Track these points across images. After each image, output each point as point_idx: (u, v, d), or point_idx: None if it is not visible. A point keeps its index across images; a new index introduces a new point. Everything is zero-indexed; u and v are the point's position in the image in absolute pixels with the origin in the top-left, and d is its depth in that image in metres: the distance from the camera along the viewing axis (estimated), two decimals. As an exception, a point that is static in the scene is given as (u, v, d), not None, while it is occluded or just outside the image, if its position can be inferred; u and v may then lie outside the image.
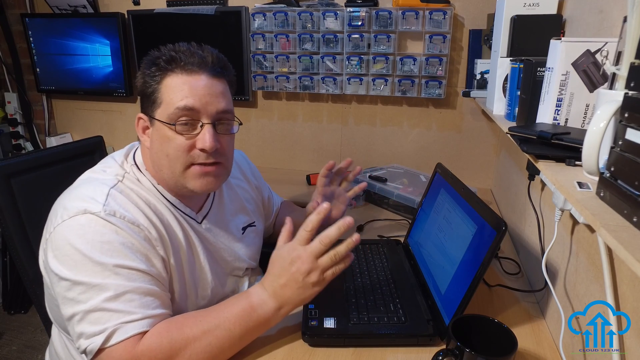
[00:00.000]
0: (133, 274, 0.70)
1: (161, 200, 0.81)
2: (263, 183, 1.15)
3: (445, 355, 0.66)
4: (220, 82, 0.80)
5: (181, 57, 0.76)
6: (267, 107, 2.00)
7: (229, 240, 0.94)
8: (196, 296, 0.85)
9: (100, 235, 0.69)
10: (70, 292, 0.68)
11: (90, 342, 0.65)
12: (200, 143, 0.77)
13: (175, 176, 0.79)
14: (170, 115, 0.76)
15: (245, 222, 1.01)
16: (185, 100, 0.75)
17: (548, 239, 0.91)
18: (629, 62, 0.49)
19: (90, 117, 2.31)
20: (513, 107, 0.93)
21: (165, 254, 0.77)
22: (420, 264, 1.00)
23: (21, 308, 2.18)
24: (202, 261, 0.86)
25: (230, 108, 0.82)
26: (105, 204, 0.72)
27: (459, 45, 1.69)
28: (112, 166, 0.82)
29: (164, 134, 0.77)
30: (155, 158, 0.80)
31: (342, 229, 0.74)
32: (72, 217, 0.70)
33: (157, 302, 0.72)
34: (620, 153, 0.46)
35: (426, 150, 1.85)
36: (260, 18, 1.80)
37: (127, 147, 0.88)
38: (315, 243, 0.74)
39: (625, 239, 0.40)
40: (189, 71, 0.76)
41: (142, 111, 0.82)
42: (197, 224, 0.88)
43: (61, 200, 0.76)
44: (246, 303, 0.74)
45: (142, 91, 0.80)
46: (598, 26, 0.82)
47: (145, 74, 0.78)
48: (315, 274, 0.74)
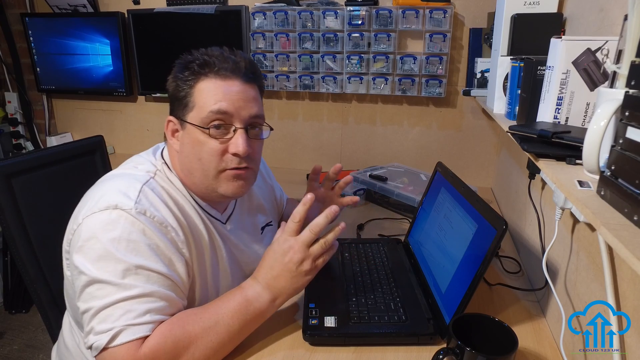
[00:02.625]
0: (153, 277, 0.70)
1: (189, 201, 0.82)
2: (275, 182, 1.16)
3: (446, 354, 0.66)
4: (252, 88, 0.81)
5: (215, 62, 0.77)
6: (267, 106, 1.98)
7: (249, 241, 0.96)
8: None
9: (128, 234, 0.69)
10: (88, 287, 0.68)
11: (97, 339, 0.66)
12: (233, 147, 0.77)
13: (207, 180, 0.79)
14: (203, 118, 0.76)
15: (263, 222, 1.03)
16: (219, 104, 0.76)
17: (548, 238, 0.91)
18: (629, 61, 0.49)
19: (90, 117, 2.31)
20: (513, 106, 0.93)
21: (189, 257, 0.78)
22: (420, 263, 1.00)
23: (22, 307, 2.18)
24: (224, 263, 0.87)
25: (262, 113, 0.83)
26: (137, 200, 0.72)
27: (459, 44, 1.68)
28: (143, 163, 0.83)
29: (195, 138, 0.78)
30: (186, 161, 0.80)
31: (330, 217, 0.77)
32: (102, 210, 0.70)
33: (169, 309, 0.71)
34: (620, 152, 0.46)
35: (426, 149, 1.85)
36: (260, 17, 1.80)
37: (153, 147, 0.89)
38: (305, 232, 0.77)
39: (625, 238, 0.40)
40: (222, 76, 0.77)
41: (171, 114, 0.82)
42: (222, 224, 0.88)
43: (92, 192, 0.77)
44: (241, 297, 0.75)
45: (174, 95, 0.80)
46: (598, 24, 0.82)
47: (178, 77, 0.79)
48: (308, 262, 0.76)
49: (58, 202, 0.78)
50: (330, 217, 0.77)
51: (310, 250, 0.77)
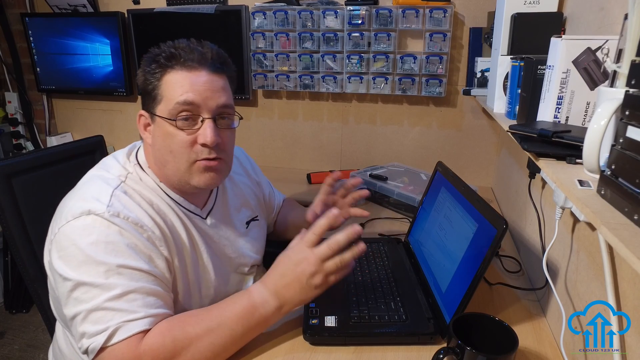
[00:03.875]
0: (136, 274, 0.70)
1: (164, 200, 0.82)
2: (263, 178, 1.15)
3: (446, 354, 0.66)
4: (221, 78, 0.80)
5: (181, 54, 0.77)
6: (267, 106, 2.00)
7: (233, 236, 0.95)
8: (200, 296, 0.86)
9: (105, 236, 0.69)
10: (73, 292, 0.68)
11: (92, 341, 0.65)
12: (202, 138, 0.77)
13: (180, 172, 0.79)
14: (170, 110, 0.76)
15: (249, 217, 1.02)
16: (185, 95, 0.75)
17: (549, 237, 0.91)
18: (629, 60, 0.49)
19: (90, 117, 2.31)
20: (514, 105, 0.92)
21: (169, 254, 0.78)
22: (421, 263, 1.00)
23: (23, 307, 2.19)
24: (205, 260, 0.87)
25: (231, 103, 0.82)
26: (109, 204, 0.72)
27: (459, 44, 1.68)
28: (114, 166, 0.82)
29: (165, 130, 0.77)
30: (158, 155, 0.80)
31: (351, 237, 0.75)
32: (76, 217, 0.71)
33: (160, 302, 0.72)
34: (621, 151, 0.46)
35: (427, 148, 1.84)
36: (260, 17, 1.80)
37: (129, 147, 0.88)
38: (323, 247, 0.75)
39: (626, 237, 0.40)
40: (189, 67, 0.77)
41: (143, 108, 0.82)
42: (202, 220, 0.88)
43: (66, 201, 0.77)
44: (248, 302, 0.74)
45: (143, 88, 0.80)
46: (599, 24, 0.81)
47: (146, 71, 0.79)
48: (320, 277, 0.74)
49: (58, 202, 0.78)
50: (351, 237, 0.75)
51: (324, 265, 0.74)
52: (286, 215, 1.18)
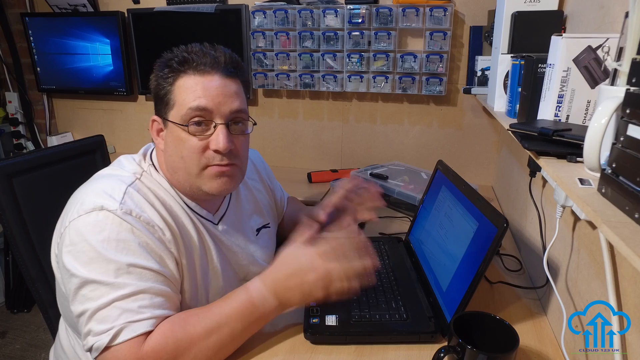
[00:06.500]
0: (146, 274, 0.70)
1: (177, 202, 0.81)
2: (276, 184, 1.14)
3: (447, 352, 0.66)
4: (234, 82, 0.79)
5: (193, 58, 0.76)
6: (267, 105, 2.00)
7: (244, 242, 0.94)
8: (207, 299, 0.85)
9: (117, 234, 0.69)
10: (81, 289, 0.68)
11: (97, 339, 0.65)
12: (214, 144, 0.76)
13: (191, 178, 0.78)
14: (183, 116, 0.76)
15: (260, 224, 1.01)
16: (197, 100, 0.75)
17: (549, 236, 0.91)
18: (630, 58, 0.49)
19: (90, 116, 2.31)
20: (514, 104, 0.92)
21: (178, 255, 0.77)
22: (421, 261, 1.00)
23: (24, 307, 2.19)
24: (215, 264, 0.86)
25: (244, 108, 0.81)
26: (122, 202, 0.72)
27: (459, 42, 1.68)
28: (130, 164, 0.82)
29: (177, 136, 0.77)
30: (170, 160, 0.80)
31: (367, 269, 0.77)
32: (88, 212, 0.70)
33: (167, 303, 0.72)
34: (621, 149, 0.46)
35: (427, 147, 1.84)
36: (260, 16, 1.80)
37: (143, 148, 0.88)
38: (337, 265, 0.75)
39: (626, 236, 0.40)
40: (201, 72, 0.76)
41: (155, 113, 0.82)
42: (214, 225, 0.87)
43: (78, 194, 0.76)
44: (246, 299, 0.74)
45: (155, 93, 0.80)
46: (599, 22, 0.81)
47: (159, 76, 0.78)
48: (322, 292, 0.75)
49: (59, 201, 0.78)
50: (368, 269, 0.77)
51: (332, 283, 0.75)
52: (292, 214, 1.18)
